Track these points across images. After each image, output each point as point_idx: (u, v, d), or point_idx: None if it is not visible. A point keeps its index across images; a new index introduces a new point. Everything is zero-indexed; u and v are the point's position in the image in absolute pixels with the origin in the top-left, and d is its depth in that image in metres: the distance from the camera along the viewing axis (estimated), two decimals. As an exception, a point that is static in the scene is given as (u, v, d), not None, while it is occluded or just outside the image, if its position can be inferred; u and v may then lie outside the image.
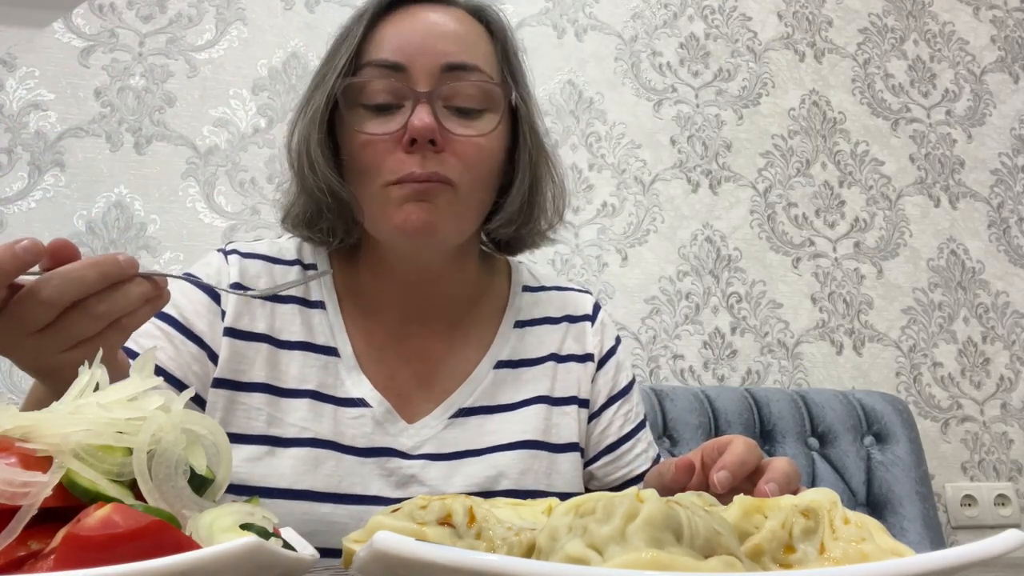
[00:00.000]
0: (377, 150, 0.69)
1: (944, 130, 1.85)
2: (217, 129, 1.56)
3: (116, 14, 1.58)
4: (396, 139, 0.69)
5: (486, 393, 0.78)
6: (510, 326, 0.83)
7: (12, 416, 0.35)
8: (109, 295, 0.49)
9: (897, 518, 1.35)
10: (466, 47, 0.72)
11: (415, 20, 0.72)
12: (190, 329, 0.73)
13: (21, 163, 1.47)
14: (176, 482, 0.35)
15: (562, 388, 0.81)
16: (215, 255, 0.79)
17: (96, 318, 0.49)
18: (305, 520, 0.68)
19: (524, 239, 0.82)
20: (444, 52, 0.70)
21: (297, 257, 0.80)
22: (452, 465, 0.74)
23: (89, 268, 0.48)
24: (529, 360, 0.82)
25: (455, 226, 0.72)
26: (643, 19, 1.79)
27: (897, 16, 1.91)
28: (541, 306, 0.86)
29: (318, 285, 0.79)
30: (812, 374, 1.66)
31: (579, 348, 0.84)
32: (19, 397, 1.37)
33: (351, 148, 0.72)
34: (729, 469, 0.56)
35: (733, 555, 0.31)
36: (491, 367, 0.80)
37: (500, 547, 0.35)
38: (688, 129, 1.75)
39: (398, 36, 0.71)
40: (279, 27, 1.63)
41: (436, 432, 0.75)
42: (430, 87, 0.69)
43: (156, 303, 0.53)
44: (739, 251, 1.70)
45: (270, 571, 0.32)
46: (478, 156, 0.71)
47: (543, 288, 0.88)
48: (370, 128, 0.70)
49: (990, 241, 1.80)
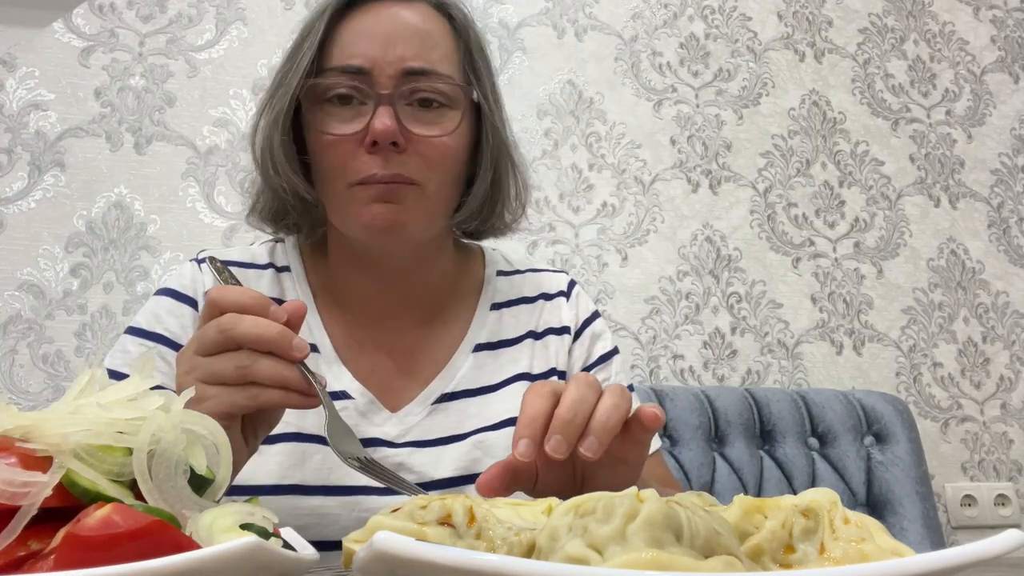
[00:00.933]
0: (340, 150, 0.70)
1: (944, 130, 1.85)
2: (217, 129, 1.56)
3: (116, 14, 1.58)
4: (358, 140, 0.69)
5: (467, 377, 0.79)
6: (486, 309, 0.84)
7: (12, 416, 0.35)
8: (258, 358, 0.54)
9: (897, 518, 1.35)
10: (427, 47, 0.72)
11: (378, 19, 0.72)
12: (178, 343, 0.74)
13: (21, 163, 1.47)
14: (176, 482, 0.35)
15: (541, 363, 0.82)
16: (188, 265, 0.80)
17: (237, 367, 0.54)
18: (296, 514, 0.69)
19: (489, 230, 0.84)
20: (404, 56, 0.70)
21: (270, 261, 0.82)
22: (438, 451, 0.75)
23: (266, 325, 0.54)
24: (507, 341, 0.83)
25: (422, 223, 0.73)
26: (643, 19, 1.79)
27: (897, 16, 1.91)
28: (516, 287, 0.87)
29: (292, 285, 0.80)
30: (812, 374, 1.66)
31: (556, 321, 0.85)
32: (19, 397, 1.37)
33: (314, 148, 0.72)
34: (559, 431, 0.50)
35: (733, 555, 0.31)
36: (470, 351, 0.81)
37: (500, 547, 0.35)
38: (688, 129, 1.75)
39: (360, 38, 0.71)
40: (279, 27, 1.63)
41: (420, 419, 0.76)
42: (391, 89, 0.69)
43: (294, 399, 0.56)
44: (739, 251, 1.70)
45: (270, 571, 0.32)
46: (440, 155, 0.72)
47: (518, 271, 0.89)
48: (333, 129, 0.70)
49: (990, 241, 1.80)
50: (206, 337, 0.55)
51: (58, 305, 1.42)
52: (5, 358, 1.38)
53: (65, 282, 1.43)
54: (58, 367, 1.39)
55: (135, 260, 1.47)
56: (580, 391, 0.53)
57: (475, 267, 0.88)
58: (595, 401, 0.53)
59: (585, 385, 0.53)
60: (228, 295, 0.56)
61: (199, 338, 0.55)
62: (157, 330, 0.74)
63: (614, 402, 0.53)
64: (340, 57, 0.71)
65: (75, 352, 1.40)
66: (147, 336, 0.74)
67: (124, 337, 0.75)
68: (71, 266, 1.44)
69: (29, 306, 1.41)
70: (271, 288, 0.80)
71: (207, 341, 0.55)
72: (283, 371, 0.55)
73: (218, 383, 0.54)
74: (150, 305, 0.77)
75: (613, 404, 0.52)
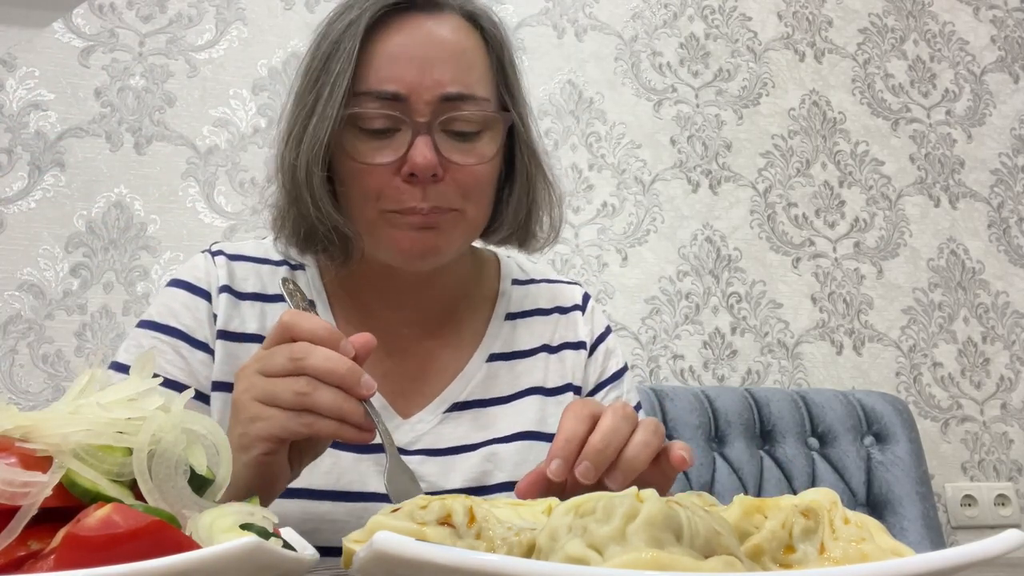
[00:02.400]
0: (374, 178, 0.68)
1: (944, 130, 1.85)
2: (217, 129, 1.56)
3: (116, 14, 1.58)
4: (395, 169, 0.68)
5: (480, 387, 0.79)
6: (501, 319, 0.84)
7: (12, 416, 0.35)
8: (320, 387, 0.54)
9: (897, 518, 1.35)
10: (463, 69, 0.70)
11: (412, 38, 0.69)
12: (194, 337, 0.73)
13: (21, 163, 1.47)
14: (176, 482, 0.35)
15: (556, 378, 0.82)
16: (201, 257, 0.79)
17: (296, 393, 0.54)
18: (304, 518, 0.68)
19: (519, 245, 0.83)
20: (441, 81, 0.68)
21: (284, 258, 0.81)
22: (448, 460, 0.74)
23: (337, 359, 0.54)
24: (521, 352, 0.82)
25: (458, 245, 0.73)
26: (643, 19, 1.79)
27: (897, 16, 1.91)
28: (531, 298, 0.86)
29: (307, 283, 0.79)
30: (812, 374, 1.66)
31: (572, 336, 0.85)
32: (19, 397, 1.37)
33: (345, 174, 0.70)
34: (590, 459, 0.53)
35: (733, 555, 0.31)
36: (484, 360, 0.80)
37: (500, 547, 0.35)
38: (688, 129, 1.75)
39: (395, 61, 0.68)
40: (279, 27, 1.63)
41: (431, 427, 0.75)
42: (429, 117, 0.68)
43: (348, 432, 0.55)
44: (739, 251, 1.70)
45: (270, 571, 0.32)
46: (478, 181, 0.71)
47: (532, 281, 0.88)
48: (367, 157, 0.68)
49: (990, 241, 1.80)
50: (274, 361, 0.55)
51: (58, 305, 1.42)
52: (5, 358, 1.38)
53: (65, 282, 1.43)
54: (58, 367, 1.39)
55: (135, 260, 1.47)
56: (615, 423, 0.55)
57: (490, 275, 0.87)
58: (628, 434, 0.55)
59: (622, 417, 0.55)
60: (303, 323, 0.56)
61: (265, 359, 0.55)
62: (172, 323, 0.73)
63: (645, 439, 0.55)
64: (375, 81, 0.68)
65: (75, 352, 1.40)
66: (161, 330, 0.73)
67: (136, 331, 0.73)
68: (71, 266, 1.44)
69: (29, 306, 1.41)
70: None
71: (274, 365, 0.55)
72: (343, 404, 0.54)
73: (274, 405, 0.54)
74: (163, 298, 0.75)
75: (644, 442, 0.55)
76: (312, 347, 0.54)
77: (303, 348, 0.54)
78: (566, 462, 0.53)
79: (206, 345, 0.73)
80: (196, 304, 0.74)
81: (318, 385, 0.54)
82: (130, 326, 1.43)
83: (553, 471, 0.53)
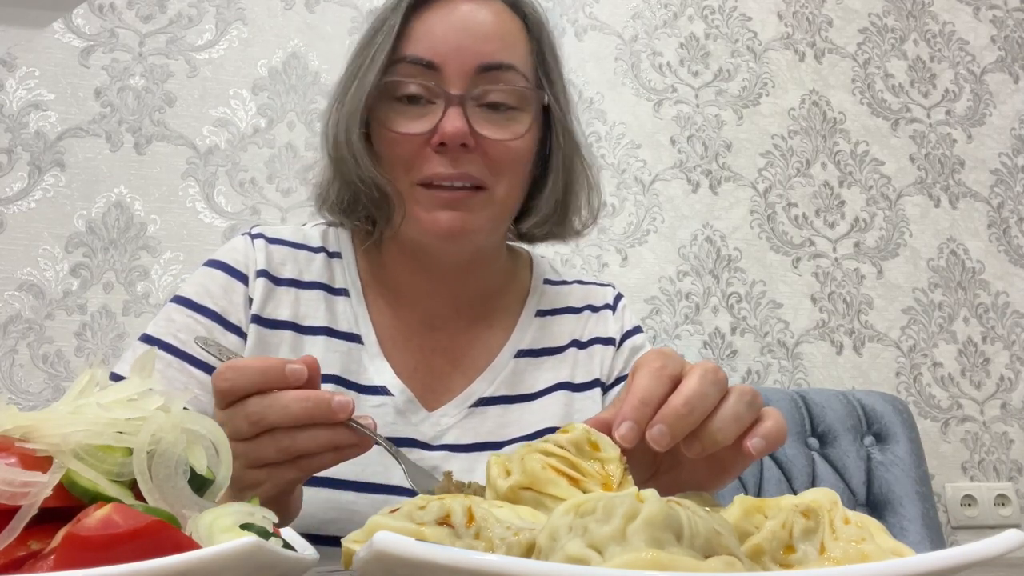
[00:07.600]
0: (406, 147, 0.70)
1: (944, 130, 1.85)
2: (217, 129, 1.56)
3: (116, 14, 1.58)
4: (426, 139, 0.69)
5: (506, 382, 0.78)
6: (531, 315, 0.83)
7: (12, 416, 0.35)
8: (298, 433, 0.51)
9: (897, 518, 1.35)
10: (503, 46, 0.71)
11: (452, 14, 0.71)
12: (227, 320, 0.73)
13: (21, 163, 1.47)
14: (176, 482, 0.35)
15: (584, 373, 0.81)
16: (241, 239, 0.79)
17: (279, 449, 0.51)
18: (327, 507, 0.68)
19: (555, 236, 0.83)
20: (479, 52, 0.69)
21: (322, 244, 0.80)
22: (473, 458, 0.74)
23: (297, 402, 0.50)
24: (550, 349, 0.82)
25: (487, 228, 0.73)
26: (643, 19, 1.79)
27: (897, 16, 1.91)
28: (563, 297, 0.86)
29: (342, 272, 0.79)
30: (812, 374, 1.66)
31: (602, 332, 0.84)
32: (19, 397, 1.37)
33: (380, 142, 0.72)
34: (667, 423, 0.44)
35: (733, 555, 0.31)
36: (512, 356, 0.80)
37: (499, 547, 0.35)
38: (688, 129, 1.75)
39: (433, 33, 0.70)
40: (279, 27, 1.63)
41: (456, 421, 0.75)
42: (463, 88, 0.69)
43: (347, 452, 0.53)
44: (739, 251, 1.70)
45: (270, 571, 0.32)
46: (509, 159, 0.71)
47: (564, 282, 0.89)
48: (400, 127, 0.70)
49: (990, 241, 1.80)
50: (238, 428, 0.50)
51: (58, 305, 1.42)
52: (5, 358, 1.38)
53: (65, 282, 1.43)
54: (58, 367, 1.39)
55: (135, 260, 1.47)
56: (704, 386, 0.46)
57: (523, 272, 0.87)
58: (717, 401, 0.46)
59: (712, 382, 0.46)
60: (238, 381, 0.50)
61: (230, 426, 0.50)
62: (207, 303, 0.72)
63: (736, 413, 0.46)
64: (412, 50, 0.70)
65: (75, 352, 1.40)
66: (195, 308, 0.72)
67: (169, 306, 0.73)
68: (71, 266, 1.44)
69: (29, 306, 1.41)
70: (321, 272, 0.78)
71: (241, 432, 0.50)
72: (329, 437, 0.51)
73: (266, 466, 0.52)
74: (199, 277, 0.75)
75: (734, 415, 0.46)
76: (265, 402, 0.50)
77: (257, 408, 0.50)
78: (639, 426, 0.44)
79: (239, 328, 0.73)
80: (233, 287, 0.74)
81: (295, 433, 0.51)
82: (130, 326, 1.43)
83: (623, 435, 0.44)
